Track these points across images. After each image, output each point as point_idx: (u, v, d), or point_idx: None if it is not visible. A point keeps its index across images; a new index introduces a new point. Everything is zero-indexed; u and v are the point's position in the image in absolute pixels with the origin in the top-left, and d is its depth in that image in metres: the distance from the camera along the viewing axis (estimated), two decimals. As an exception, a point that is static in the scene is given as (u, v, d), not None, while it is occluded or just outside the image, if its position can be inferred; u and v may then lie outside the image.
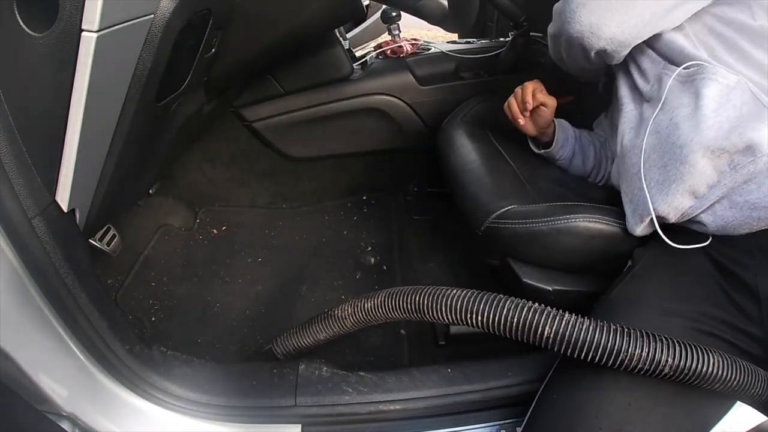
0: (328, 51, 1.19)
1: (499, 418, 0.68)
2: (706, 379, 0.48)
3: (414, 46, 1.31)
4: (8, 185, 0.48)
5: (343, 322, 0.68)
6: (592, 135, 0.94)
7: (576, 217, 0.70)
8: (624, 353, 0.49)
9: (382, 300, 0.64)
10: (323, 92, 1.23)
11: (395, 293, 0.64)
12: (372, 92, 1.24)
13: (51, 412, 0.59)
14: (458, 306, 0.57)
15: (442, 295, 0.59)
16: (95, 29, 0.46)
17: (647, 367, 0.48)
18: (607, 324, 0.51)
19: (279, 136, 1.28)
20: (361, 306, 0.67)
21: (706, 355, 0.48)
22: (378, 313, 0.65)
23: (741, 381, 0.48)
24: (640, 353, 0.48)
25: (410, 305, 0.61)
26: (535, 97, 0.84)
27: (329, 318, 0.69)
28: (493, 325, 0.55)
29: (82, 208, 0.61)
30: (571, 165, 0.92)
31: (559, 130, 0.90)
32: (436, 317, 0.59)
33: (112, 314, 0.62)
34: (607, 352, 0.49)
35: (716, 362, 0.48)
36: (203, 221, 1.32)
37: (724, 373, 0.47)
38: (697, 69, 0.62)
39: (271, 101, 1.23)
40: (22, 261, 0.51)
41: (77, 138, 0.51)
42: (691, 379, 0.48)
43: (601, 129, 0.95)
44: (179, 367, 0.68)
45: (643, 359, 0.48)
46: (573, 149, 0.91)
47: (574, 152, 0.91)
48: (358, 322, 0.68)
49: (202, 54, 0.70)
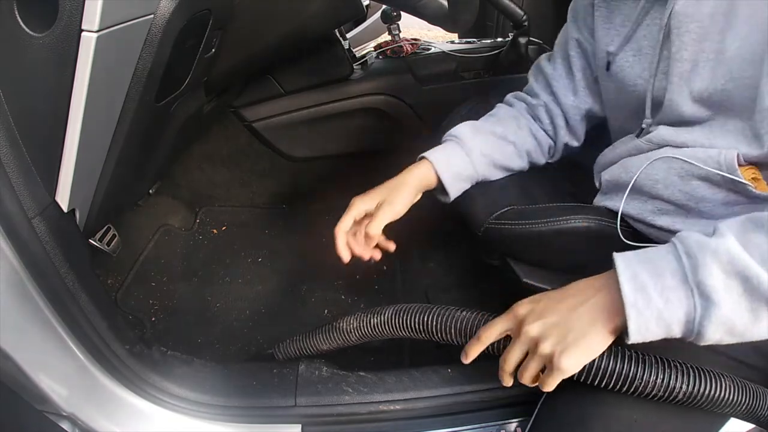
0: (328, 51, 1.19)
1: (499, 419, 0.68)
2: (717, 403, 0.48)
3: (414, 46, 1.31)
4: (8, 185, 0.48)
5: (348, 335, 0.68)
6: (512, 117, 0.77)
7: (576, 218, 0.70)
8: (639, 380, 0.48)
9: (389, 317, 0.64)
10: (323, 92, 1.23)
11: (403, 311, 0.63)
12: (372, 92, 1.24)
13: (51, 412, 0.59)
14: (467, 329, 0.57)
15: (450, 317, 0.59)
16: (95, 29, 0.45)
17: (661, 394, 0.48)
18: (621, 350, 0.49)
19: (279, 136, 1.28)
20: (367, 321, 0.66)
21: (719, 380, 0.47)
22: (384, 329, 0.65)
23: (749, 404, 0.48)
24: (655, 380, 0.47)
25: (419, 325, 0.62)
26: (369, 236, 0.69)
27: (334, 330, 0.69)
28: (500, 349, 0.55)
29: (82, 208, 0.61)
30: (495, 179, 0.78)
31: (443, 174, 0.72)
32: (445, 339, 0.60)
33: (112, 314, 0.62)
34: (621, 379, 0.48)
35: (728, 387, 0.47)
36: (203, 221, 1.32)
37: (734, 397, 0.47)
38: None
39: (271, 101, 1.23)
40: (22, 261, 0.51)
41: (77, 138, 0.51)
42: (703, 403, 0.48)
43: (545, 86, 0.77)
44: (179, 367, 0.68)
45: (658, 386, 0.47)
46: (479, 171, 0.74)
47: (485, 174, 0.75)
48: (363, 337, 0.68)
49: (202, 54, 0.70)
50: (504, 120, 0.77)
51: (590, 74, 0.73)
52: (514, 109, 0.79)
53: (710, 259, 0.41)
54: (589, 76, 0.73)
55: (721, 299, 0.41)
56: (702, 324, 0.42)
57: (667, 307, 0.43)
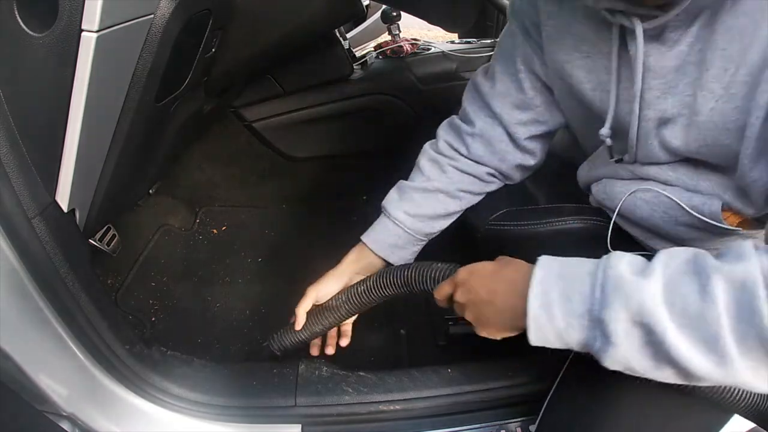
0: (328, 51, 1.19)
1: (499, 419, 0.68)
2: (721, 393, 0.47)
3: (414, 46, 1.31)
4: (8, 185, 0.48)
5: (338, 311, 0.69)
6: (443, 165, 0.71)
7: (575, 219, 0.70)
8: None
9: (374, 281, 0.67)
10: (323, 92, 1.23)
11: (385, 272, 0.67)
12: (372, 92, 1.24)
13: (51, 412, 0.59)
14: (440, 277, 0.61)
15: (427, 269, 0.63)
16: (95, 29, 0.46)
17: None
18: None
19: (279, 136, 1.28)
20: (354, 291, 0.68)
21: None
22: (371, 294, 0.67)
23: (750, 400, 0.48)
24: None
25: (400, 279, 0.65)
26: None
27: (324, 309, 0.70)
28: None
29: (82, 208, 0.61)
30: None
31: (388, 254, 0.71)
32: (423, 288, 0.63)
33: (112, 314, 0.62)
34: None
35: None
36: (203, 221, 1.32)
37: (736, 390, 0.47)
38: None
39: (271, 101, 1.23)
40: (22, 261, 0.51)
41: (77, 138, 0.51)
42: (709, 392, 0.47)
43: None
44: (179, 367, 0.68)
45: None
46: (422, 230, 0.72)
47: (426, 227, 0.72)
48: (352, 309, 0.69)
49: (202, 54, 0.70)
50: (426, 168, 0.71)
51: (540, 85, 0.65)
52: (436, 154, 0.72)
53: (619, 304, 0.40)
54: (539, 87, 0.65)
55: (619, 342, 0.40)
56: (599, 355, 0.42)
57: (567, 330, 0.43)
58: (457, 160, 0.71)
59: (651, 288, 0.39)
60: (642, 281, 0.40)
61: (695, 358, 0.37)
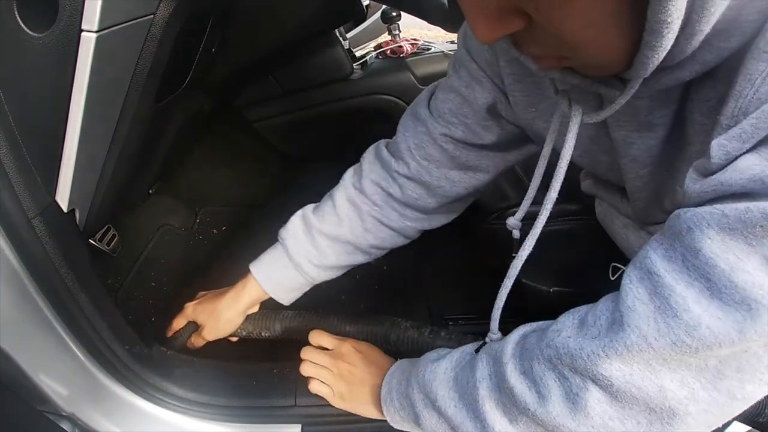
0: (328, 51, 1.19)
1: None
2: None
3: (414, 46, 1.31)
4: (8, 185, 0.48)
5: (273, 326, 0.74)
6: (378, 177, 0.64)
7: (575, 218, 0.70)
8: None
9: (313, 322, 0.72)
10: (323, 92, 1.23)
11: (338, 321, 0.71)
12: (372, 92, 1.24)
13: (51, 412, 0.59)
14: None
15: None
16: (95, 29, 0.46)
17: None
18: None
19: (279, 136, 1.28)
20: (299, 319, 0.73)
21: None
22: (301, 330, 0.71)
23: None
24: None
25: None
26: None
27: (264, 318, 0.74)
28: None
29: (82, 208, 0.61)
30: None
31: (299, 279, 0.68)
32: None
33: (112, 314, 0.62)
34: None
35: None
36: (203, 221, 1.32)
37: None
38: None
39: (271, 101, 1.23)
40: (22, 261, 0.51)
41: (77, 138, 0.51)
42: None
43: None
44: (179, 367, 0.67)
45: None
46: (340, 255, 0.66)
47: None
48: (280, 333, 0.73)
49: (202, 54, 0.70)
50: (343, 209, 0.64)
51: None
52: (357, 193, 0.64)
53: (416, 389, 0.51)
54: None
55: (424, 423, 0.50)
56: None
57: (401, 412, 0.54)
58: (377, 211, 0.62)
59: (434, 372, 0.50)
60: (428, 367, 0.52)
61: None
